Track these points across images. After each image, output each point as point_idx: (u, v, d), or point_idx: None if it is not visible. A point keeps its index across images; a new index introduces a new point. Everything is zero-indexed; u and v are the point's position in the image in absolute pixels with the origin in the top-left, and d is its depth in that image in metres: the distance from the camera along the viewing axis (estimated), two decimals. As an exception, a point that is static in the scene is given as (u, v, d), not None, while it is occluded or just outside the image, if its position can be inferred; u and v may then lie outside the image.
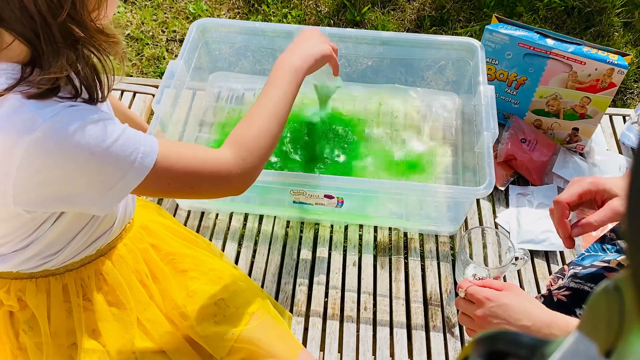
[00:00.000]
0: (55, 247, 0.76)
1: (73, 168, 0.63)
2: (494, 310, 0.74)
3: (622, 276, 0.29)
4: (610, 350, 0.29)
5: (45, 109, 0.62)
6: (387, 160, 1.28)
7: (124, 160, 0.65)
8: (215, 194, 0.78)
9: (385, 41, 1.33)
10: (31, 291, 0.78)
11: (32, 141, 0.61)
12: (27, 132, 0.60)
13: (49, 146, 0.61)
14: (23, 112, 0.61)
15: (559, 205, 0.81)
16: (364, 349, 1.03)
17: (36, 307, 0.78)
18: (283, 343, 0.88)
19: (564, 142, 1.33)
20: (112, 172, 0.66)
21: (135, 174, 0.66)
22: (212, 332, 0.85)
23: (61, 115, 0.62)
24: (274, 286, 1.11)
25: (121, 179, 0.66)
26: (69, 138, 0.62)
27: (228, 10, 2.03)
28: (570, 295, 0.85)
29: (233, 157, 0.77)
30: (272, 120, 0.83)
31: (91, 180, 0.65)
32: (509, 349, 0.37)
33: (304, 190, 1.11)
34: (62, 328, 0.79)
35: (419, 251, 1.18)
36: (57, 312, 0.79)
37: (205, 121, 1.36)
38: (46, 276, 0.78)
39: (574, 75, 1.24)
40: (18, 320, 0.80)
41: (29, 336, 0.79)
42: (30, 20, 0.61)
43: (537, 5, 2.00)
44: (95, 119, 0.64)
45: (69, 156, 0.62)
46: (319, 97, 1.25)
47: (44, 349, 0.79)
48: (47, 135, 0.61)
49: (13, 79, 0.63)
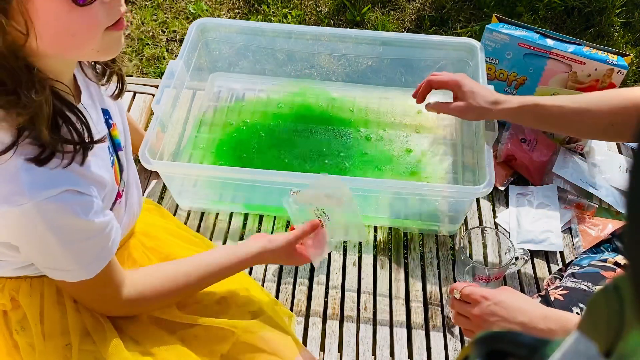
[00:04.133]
0: None
1: (34, 242, 0.67)
2: (491, 308, 0.75)
3: (622, 276, 0.29)
4: (610, 350, 0.29)
5: (36, 186, 0.63)
6: (387, 160, 1.28)
7: (73, 262, 0.70)
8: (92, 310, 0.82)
9: (385, 41, 1.33)
10: (25, 291, 0.78)
11: (11, 212, 0.63)
12: (9, 203, 0.62)
13: (23, 221, 0.64)
14: (14, 181, 0.62)
15: (428, 80, 1.12)
16: (364, 348, 1.03)
17: (28, 308, 0.78)
18: (284, 341, 0.88)
19: (563, 142, 1.33)
20: (60, 261, 0.70)
21: (73, 275, 0.72)
22: (214, 329, 0.85)
23: (50, 201, 0.63)
24: (274, 286, 1.11)
25: (65, 271, 0.71)
26: (46, 224, 0.65)
27: (228, 10, 2.03)
28: (567, 294, 0.86)
29: (123, 304, 0.79)
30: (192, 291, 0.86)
31: (39, 254, 0.70)
32: (508, 349, 0.37)
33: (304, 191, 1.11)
34: (56, 329, 0.79)
35: (419, 251, 1.18)
36: (50, 313, 0.79)
37: (205, 121, 1.36)
38: (40, 277, 0.79)
39: (574, 76, 1.24)
40: (11, 320, 0.80)
41: (21, 336, 0.79)
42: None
43: (537, 5, 2.00)
44: (83, 217, 0.67)
45: (36, 235, 0.66)
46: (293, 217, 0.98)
47: (36, 349, 0.78)
48: (26, 214, 0.63)
49: (9, 140, 0.62)
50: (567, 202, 1.24)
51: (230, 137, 1.32)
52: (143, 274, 0.82)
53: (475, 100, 1.03)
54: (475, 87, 1.05)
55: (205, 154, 1.29)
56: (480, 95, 1.03)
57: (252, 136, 1.32)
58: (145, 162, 1.04)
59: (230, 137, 1.32)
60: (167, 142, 1.17)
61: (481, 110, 1.03)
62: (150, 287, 0.81)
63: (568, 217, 1.22)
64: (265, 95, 1.42)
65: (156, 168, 1.10)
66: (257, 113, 1.37)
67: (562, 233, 1.20)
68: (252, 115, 1.37)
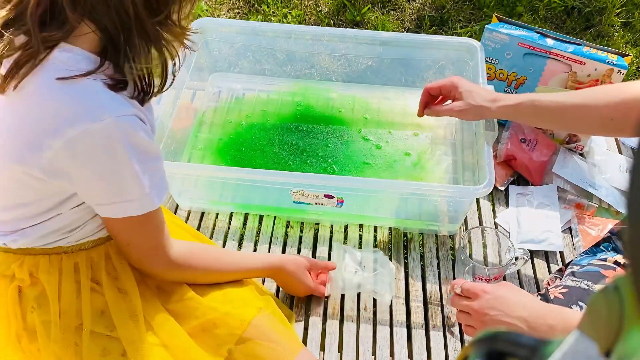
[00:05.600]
0: (75, 224, 0.78)
1: (107, 166, 0.69)
2: (491, 303, 0.75)
3: (622, 276, 0.29)
4: (610, 350, 0.29)
5: (115, 104, 0.67)
6: (387, 159, 1.28)
7: (142, 187, 0.72)
8: (136, 263, 0.85)
9: (385, 41, 1.33)
10: (44, 267, 0.79)
11: (91, 128, 0.65)
12: (91, 118, 0.66)
13: (102, 138, 0.67)
14: (95, 98, 0.66)
15: (424, 89, 1.12)
16: (364, 348, 1.03)
17: (48, 283, 0.79)
18: (285, 339, 0.88)
19: (563, 142, 1.33)
20: (130, 189, 0.72)
21: (139, 205, 0.74)
22: (222, 321, 0.86)
23: (126, 119, 0.68)
24: (274, 286, 1.11)
25: (130, 201, 0.73)
26: (123, 140, 0.68)
27: (228, 10, 2.03)
28: (566, 292, 0.86)
29: (169, 264, 0.84)
30: (221, 276, 0.92)
31: (108, 184, 0.71)
32: (508, 349, 0.37)
33: (304, 190, 1.11)
34: (71, 307, 0.80)
35: (419, 251, 1.18)
36: (67, 290, 0.80)
37: (205, 121, 1.36)
38: (59, 253, 0.80)
39: (574, 76, 1.24)
40: (27, 297, 0.80)
41: (37, 314, 0.79)
42: (123, 17, 0.65)
43: (537, 5, 2.01)
44: (149, 140, 0.71)
45: (112, 155, 0.68)
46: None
47: (51, 328, 0.79)
48: (106, 129, 0.66)
49: (92, 65, 0.67)
50: (567, 202, 1.24)
51: (230, 137, 1.32)
52: (188, 244, 0.90)
53: (474, 99, 1.03)
54: (472, 87, 1.05)
55: (205, 154, 1.29)
56: (477, 94, 1.03)
57: (252, 136, 1.32)
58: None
59: (230, 137, 1.32)
60: (167, 142, 1.17)
61: (480, 109, 1.03)
62: (193, 259, 0.88)
63: (568, 217, 1.22)
64: (265, 95, 1.42)
65: (156, 168, 1.10)
66: (257, 113, 1.37)
67: (562, 233, 1.20)
68: (252, 115, 1.37)
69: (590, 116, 0.93)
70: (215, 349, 0.84)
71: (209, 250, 0.95)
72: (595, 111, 0.92)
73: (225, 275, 0.93)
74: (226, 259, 0.93)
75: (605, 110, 0.91)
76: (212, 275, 0.91)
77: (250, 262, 0.97)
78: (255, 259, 0.99)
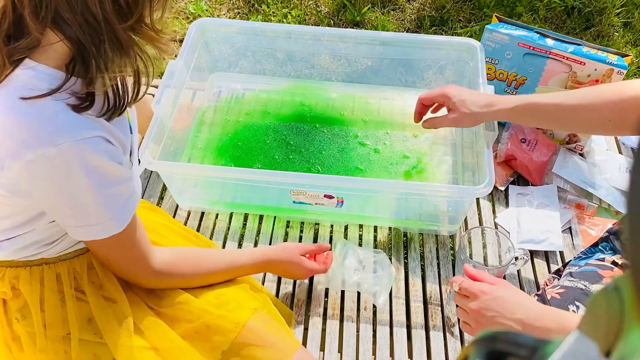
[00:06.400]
0: (52, 237, 0.77)
1: (65, 191, 0.68)
2: (488, 304, 0.75)
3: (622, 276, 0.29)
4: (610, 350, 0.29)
5: (74, 127, 0.64)
6: (387, 159, 1.28)
7: (103, 212, 0.71)
8: (120, 275, 0.85)
9: (385, 41, 1.33)
10: (25, 279, 0.79)
11: (48, 153, 0.63)
12: (48, 142, 0.63)
13: (59, 163, 0.64)
14: (54, 120, 0.64)
15: (418, 100, 1.14)
16: (364, 348, 1.03)
17: (29, 295, 0.79)
18: (282, 339, 0.88)
19: (563, 142, 1.33)
20: (90, 213, 0.71)
21: (103, 228, 0.73)
22: (215, 324, 0.85)
23: (86, 142, 0.65)
24: (274, 286, 1.11)
25: (94, 225, 0.72)
26: (81, 165, 0.65)
27: (228, 10, 2.03)
28: (563, 292, 0.86)
29: (154, 274, 0.83)
30: (213, 277, 0.91)
31: (70, 209, 0.70)
32: (508, 349, 0.37)
33: (304, 190, 1.11)
34: (56, 318, 0.79)
35: (419, 251, 1.18)
36: (51, 301, 0.79)
37: (205, 121, 1.36)
38: (40, 264, 0.79)
39: (574, 76, 1.24)
40: (11, 309, 0.80)
41: (22, 325, 0.79)
42: (92, 23, 0.62)
43: (537, 5, 2.01)
44: (111, 162, 0.69)
45: (70, 181, 0.66)
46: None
47: (37, 339, 0.78)
48: (64, 153, 0.64)
49: (55, 84, 0.64)
50: (567, 202, 1.24)
51: (230, 137, 1.32)
52: (172, 250, 0.88)
53: (467, 107, 1.03)
54: (465, 95, 1.04)
55: (205, 153, 1.29)
56: (470, 101, 1.03)
57: (252, 136, 1.32)
58: (145, 162, 1.04)
59: (230, 137, 1.32)
60: (167, 142, 1.17)
61: (475, 116, 1.03)
62: (177, 264, 0.86)
63: (568, 217, 1.22)
64: (265, 95, 1.42)
65: (156, 168, 1.10)
66: (257, 113, 1.37)
67: (562, 233, 1.20)
68: (252, 115, 1.37)
69: (588, 116, 0.93)
70: (209, 352, 0.84)
71: (194, 252, 0.92)
72: (593, 111, 0.92)
73: (216, 275, 0.91)
74: (212, 258, 0.91)
75: (603, 110, 0.91)
76: (202, 278, 0.89)
77: (238, 259, 0.94)
78: (242, 254, 0.95)
